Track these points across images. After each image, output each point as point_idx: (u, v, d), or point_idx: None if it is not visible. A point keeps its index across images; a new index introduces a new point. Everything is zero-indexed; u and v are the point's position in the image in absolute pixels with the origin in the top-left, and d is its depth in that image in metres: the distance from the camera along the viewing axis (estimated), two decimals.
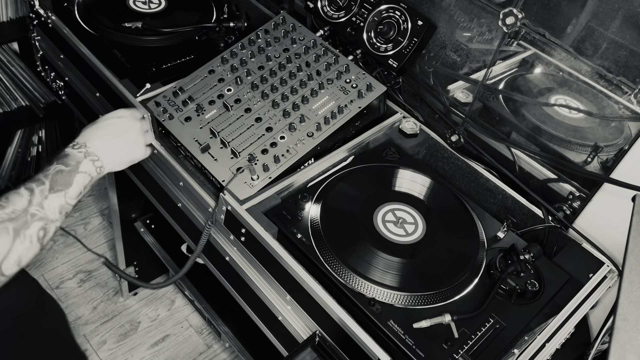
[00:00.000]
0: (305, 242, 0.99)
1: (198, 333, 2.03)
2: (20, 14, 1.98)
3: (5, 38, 2.07)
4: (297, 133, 1.13)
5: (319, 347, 0.94)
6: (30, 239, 0.88)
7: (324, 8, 1.35)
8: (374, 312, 0.90)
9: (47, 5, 1.45)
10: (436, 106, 1.28)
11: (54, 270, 2.14)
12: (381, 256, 0.97)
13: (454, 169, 1.24)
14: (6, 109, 2.10)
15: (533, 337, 0.92)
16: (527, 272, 0.99)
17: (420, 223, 1.05)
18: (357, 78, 1.23)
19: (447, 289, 0.95)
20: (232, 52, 1.28)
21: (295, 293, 0.98)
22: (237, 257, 1.09)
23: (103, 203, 2.38)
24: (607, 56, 0.98)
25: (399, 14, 1.23)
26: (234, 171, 1.08)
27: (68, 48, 1.39)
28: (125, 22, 1.35)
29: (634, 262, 0.80)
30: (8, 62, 2.16)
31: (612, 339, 0.71)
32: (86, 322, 2.00)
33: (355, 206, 1.06)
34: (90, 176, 1.01)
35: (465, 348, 0.88)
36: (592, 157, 1.09)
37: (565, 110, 1.11)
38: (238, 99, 1.19)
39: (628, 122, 1.02)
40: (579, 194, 1.11)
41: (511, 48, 1.13)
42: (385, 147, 1.21)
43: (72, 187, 0.97)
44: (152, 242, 1.86)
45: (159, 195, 1.27)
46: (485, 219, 1.10)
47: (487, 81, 1.18)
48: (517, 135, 1.19)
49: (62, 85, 1.53)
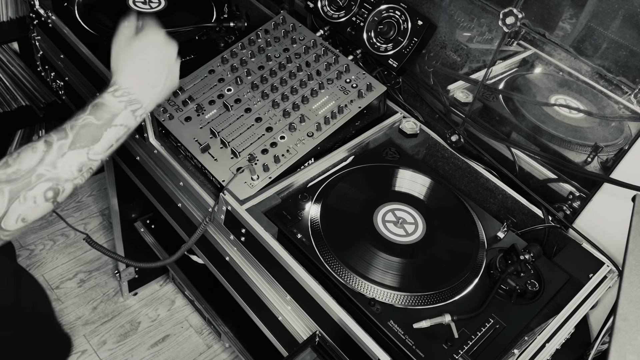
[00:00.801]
0: (305, 242, 0.99)
1: (198, 333, 2.03)
2: (20, 14, 1.98)
3: (5, 38, 2.07)
4: (297, 133, 1.13)
5: (319, 347, 0.94)
6: (33, 199, 0.82)
7: (324, 8, 1.35)
8: (374, 312, 0.90)
9: (47, 5, 1.45)
10: (436, 106, 1.28)
11: (54, 270, 2.14)
12: (381, 256, 0.97)
13: (454, 169, 1.24)
14: (6, 109, 2.10)
15: (533, 337, 0.92)
16: (527, 272, 0.99)
17: (420, 223, 1.05)
18: (357, 78, 1.23)
19: (447, 289, 0.95)
20: (232, 52, 1.28)
21: (295, 293, 0.98)
22: (237, 257, 1.09)
23: (103, 203, 2.38)
24: (607, 56, 0.98)
25: (399, 14, 1.23)
26: (234, 171, 1.08)
27: (68, 48, 1.39)
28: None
29: (634, 262, 0.80)
30: (8, 62, 2.16)
31: (612, 339, 0.71)
32: (86, 322, 2.00)
33: (355, 206, 1.06)
34: (127, 128, 0.90)
35: (465, 348, 0.88)
36: (592, 157, 1.09)
37: (565, 110, 1.11)
38: (238, 98, 1.19)
39: (628, 122, 1.02)
40: (579, 194, 1.11)
41: (511, 48, 1.13)
42: (385, 147, 1.21)
43: (99, 143, 0.87)
44: (152, 242, 1.86)
45: (159, 195, 1.27)
46: (485, 219, 1.10)
47: (487, 81, 1.18)
48: (517, 135, 1.19)
49: (62, 85, 1.53)
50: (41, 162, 0.82)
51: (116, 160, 1.44)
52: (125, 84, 0.91)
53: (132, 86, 0.91)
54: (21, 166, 0.81)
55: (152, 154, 1.21)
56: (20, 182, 0.81)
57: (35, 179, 0.82)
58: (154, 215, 1.88)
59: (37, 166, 0.82)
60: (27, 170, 0.81)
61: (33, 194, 0.82)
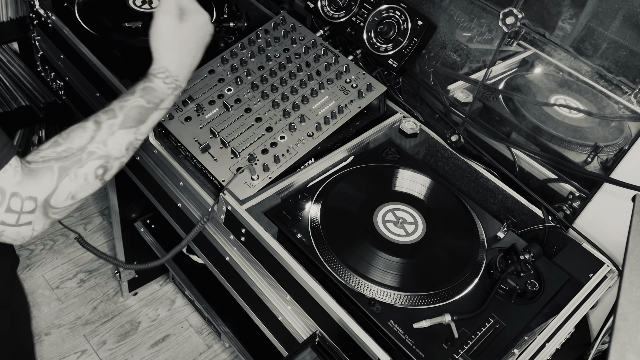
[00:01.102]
0: (305, 242, 0.99)
1: (198, 333, 2.03)
2: (20, 14, 1.98)
3: (5, 38, 2.07)
4: (297, 133, 1.13)
5: (319, 347, 0.94)
6: (84, 177, 0.82)
7: (324, 8, 1.35)
8: (374, 312, 0.90)
9: (47, 5, 1.45)
10: (436, 106, 1.28)
11: (54, 270, 2.14)
12: (381, 256, 0.97)
13: (454, 169, 1.24)
14: (6, 109, 2.10)
15: (533, 337, 0.92)
16: (527, 272, 0.99)
17: (420, 223, 1.05)
18: (357, 78, 1.23)
19: (447, 289, 0.95)
20: (232, 52, 1.28)
21: (295, 293, 0.98)
22: (237, 257, 1.09)
23: (103, 203, 2.38)
24: (607, 56, 0.98)
25: (399, 14, 1.23)
26: (234, 171, 1.08)
27: (68, 48, 1.39)
28: (125, 22, 1.35)
29: (634, 262, 0.80)
30: (8, 62, 2.16)
31: (612, 339, 0.71)
32: (86, 322, 2.00)
33: (355, 206, 1.06)
34: (168, 109, 0.92)
35: (465, 348, 0.88)
36: (592, 157, 1.09)
37: (565, 110, 1.11)
38: (238, 98, 1.19)
39: (628, 122, 1.02)
40: (579, 194, 1.11)
41: (511, 48, 1.13)
42: (385, 147, 1.21)
43: (145, 124, 0.88)
44: (152, 242, 1.86)
45: (159, 195, 1.27)
46: (485, 219, 1.10)
47: (487, 81, 1.18)
48: (517, 135, 1.19)
49: (62, 85, 1.53)
50: (92, 140, 0.82)
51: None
52: (176, 71, 0.92)
53: (180, 73, 0.93)
54: (72, 145, 0.81)
55: (152, 154, 1.21)
56: (71, 159, 0.80)
57: (87, 156, 0.82)
58: (154, 215, 1.88)
59: (88, 144, 0.82)
60: (78, 148, 0.81)
61: (84, 171, 0.82)
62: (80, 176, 0.82)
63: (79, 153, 0.81)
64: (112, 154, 0.85)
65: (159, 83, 0.90)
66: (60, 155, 0.80)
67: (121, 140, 0.86)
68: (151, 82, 0.90)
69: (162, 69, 0.91)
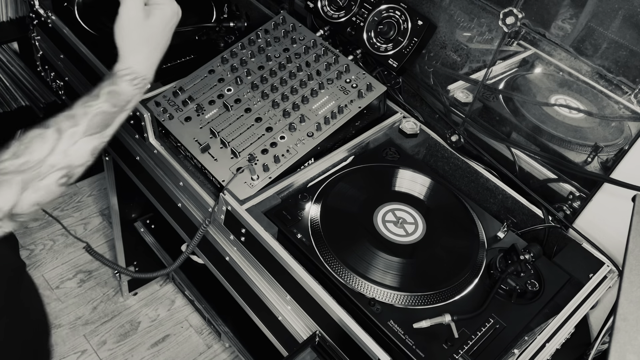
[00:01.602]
0: (305, 242, 0.99)
1: (198, 333, 2.03)
2: (20, 14, 1.98)
3: (5, 38, 2.07)
4: (297, 133, 1.13)
5: (319, 347, 0.94)
6: (46, 188, 0.80)
7: (324, 8, 1.35)
8: (374, 312, 0.90)
9: (47, 5, 1.45)
10: (436, 106, 1.28)
11: (54, 270, 2.14)
12: (381, 256, 0.97)
13: (454, 169, 1.24)
14: (6, 109, 2.10)
15: (533, 337, 0.92)
16: (527, 272, 0.99)
17: (420, 223, 1.05)
18: (357, 78, 1.23)
19: (447, 289, 0.94)
20: (232, 52, 1.28)
21: (295, 293, 0.98)
22: (237, 257, 1.09)
23: (103, 203, 2.38)
24: (607, 56, 0.98)
25: (399, 14, 1.23)
26: (234, 171, 1.08)
27: (68, 48, 1.39)
28: None
29: (634, 262, 0.80)
30: (8, 62, 2.16)
31: (612, 339, 0.71)
32: (86, 322, 2.00)
33: (355, 206, 1.06)
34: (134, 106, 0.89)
35: (465, 348, 0.88)
36: (592, 157, 1.09)
37: (565, 110, 1.11)
38: (238, 99, 1.19)
39: (628, 122, 1.02)
40: (579, 194, 1.11)
41: (511, 48, 1.13)
42: (385, 147, 1.21)
43: (111, 127, 0.85)
44: (152, 242, 1.86)
45: (159, 195, 1.27)
46: (485, 219, 1.10)
47: (487, 81, 1.18)
48: (517, 135, 1.19)
49: (62, 85, 1.53)
50: (52, 152, 0.79)
51: (116, 160, 1.44)
52: (142, 71, 0.88)
53: (148, 72, 0.89)
54: (32, 157, 0.78)
55: (152, 154, 1.21)
56: (30, 172, 0.78)
57: (47, 169, 0.79)
58: (154, 215, 1.88)
59: (48, 156, 0.79)
60: (38, 161, 0.78)
61: (45, 182, 0.79)
62: (42, 188, 0.79)
63: (37, 166, 0.78)
64: (75, 162, 0.82)
65: (125, 86, 0.86)
66: (19, 168, 0.77)
67: (85, 148, 0.83)
68: (117, 85, 0.86)
69: (129, 71, 0.87)
